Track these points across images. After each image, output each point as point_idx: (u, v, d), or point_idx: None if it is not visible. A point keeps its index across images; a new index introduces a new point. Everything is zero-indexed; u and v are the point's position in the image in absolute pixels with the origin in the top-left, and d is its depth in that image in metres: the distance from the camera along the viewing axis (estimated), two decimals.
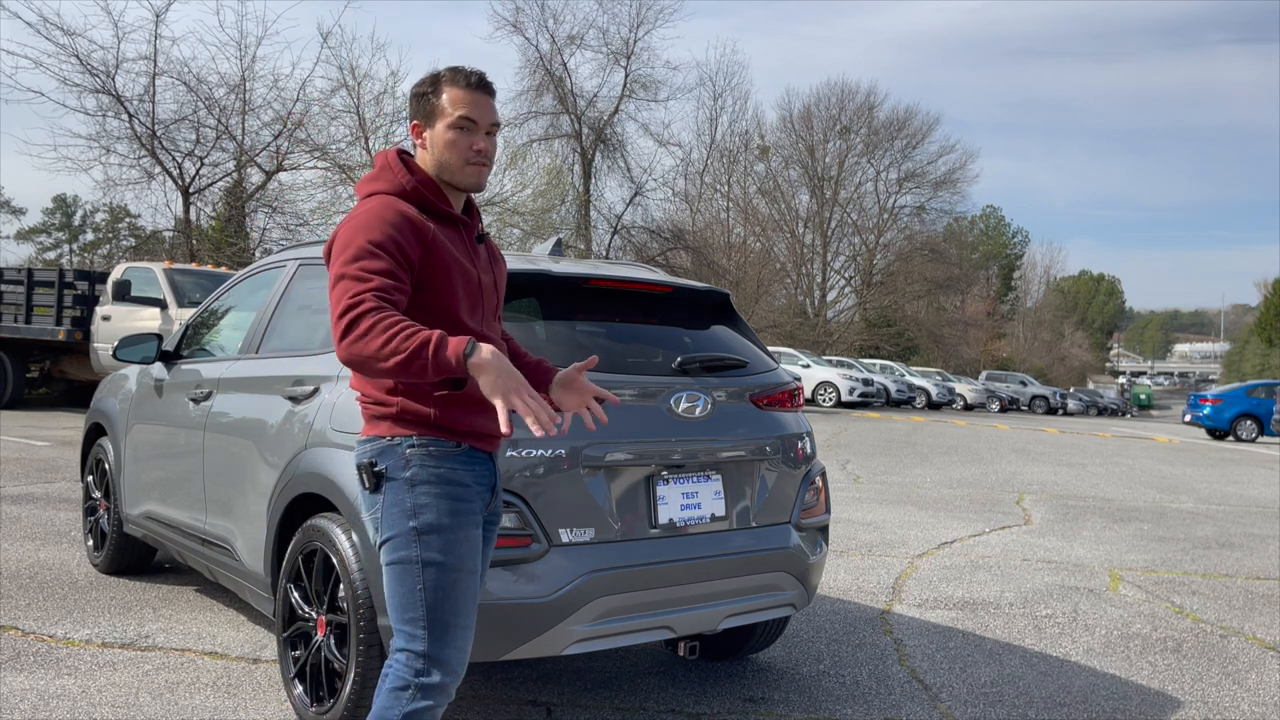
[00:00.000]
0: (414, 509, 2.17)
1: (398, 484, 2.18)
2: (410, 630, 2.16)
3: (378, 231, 2.11)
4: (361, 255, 2.08)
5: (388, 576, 2.20)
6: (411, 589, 2.16)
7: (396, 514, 2.18)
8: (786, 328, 41.93)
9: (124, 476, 4.95)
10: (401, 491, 2.18)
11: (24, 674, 3.70)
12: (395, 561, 2.18)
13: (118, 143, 21.88)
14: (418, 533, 2.16)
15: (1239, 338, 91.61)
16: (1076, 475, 12.62)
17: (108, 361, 12.66)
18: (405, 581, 2.16)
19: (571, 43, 33.45)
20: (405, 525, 2.17)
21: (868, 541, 7.16)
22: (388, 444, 2.21)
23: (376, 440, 2.23)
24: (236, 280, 4.76)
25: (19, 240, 54.51)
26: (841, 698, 3.85)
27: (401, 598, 2.17)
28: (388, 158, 2.29)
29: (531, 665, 3.99)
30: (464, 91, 2.26)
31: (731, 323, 3.81)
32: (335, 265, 2.11)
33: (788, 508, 3.59)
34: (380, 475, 2.20)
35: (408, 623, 2.16)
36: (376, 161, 2.33)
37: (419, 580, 2.15)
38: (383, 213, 2.15)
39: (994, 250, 67.77)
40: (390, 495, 2.19)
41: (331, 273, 2.11)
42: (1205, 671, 4.42)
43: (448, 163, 2.27)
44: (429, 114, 2.28)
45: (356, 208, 2.23)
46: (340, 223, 2.21)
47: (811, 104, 49.48)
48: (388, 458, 2.20)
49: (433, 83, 2.28)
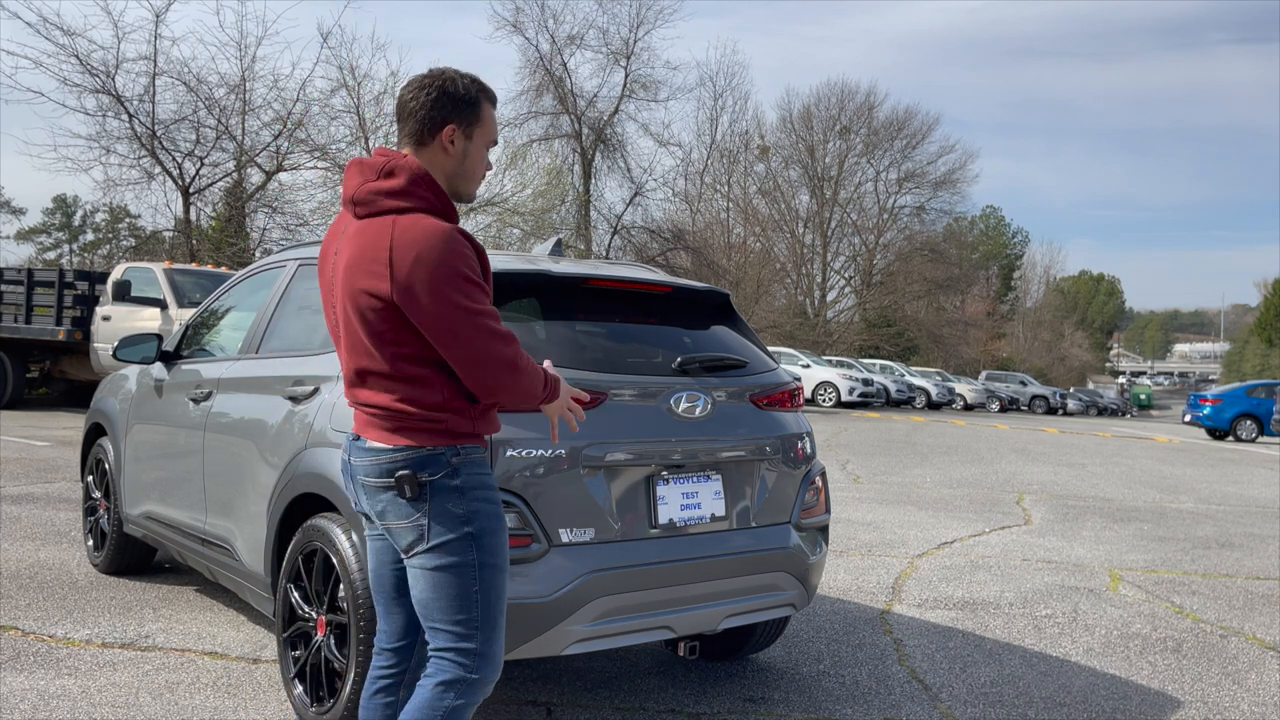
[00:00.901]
0: (468, 515, 2.24)
1: (448, 492, 2.23)
2: (463, 630, 2.23)
3: (460, 257, 2.14)
4: (468, 288, 2.13)
5: (438, 580, 2.23)
6: (467, 591, 2.23)
7: (449, 521, 2.23)
8: (786, 328, 41.93)
9: (124, 476, 4.95)
10: (452, 499, 2.23)
11: (24, 674, 3.70)
12: (449, 566, 2.22)
13: (118, 143, 21.90)
14: (473, 538, 2.23)
15: (1239, 338, 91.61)
16: (1076, 475, 12.62)
17: (108, 361, 12.66)
18: (460, 584, 2.23)
19: (571, 43, 33.48)
20: (461, 530, 2.23)
21: (868, 541, 7.16)
22: (430, 453, 2.23)
23: (414, 450, 2.23)
24: (236, 280, 4.76)
25: (19, 240, 54.57)
26: (841, 698, 3.85)
27: (455, 600, 2.23)
28: (415, 172, 2.21)
29: (531, 665, 3.99)
30: (493, 111, 2.32)
31: (731, 323, 3.81)
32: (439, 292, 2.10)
33: (788, 508, 3.59)
34: (424, 484, 2.22)
35: (460, 624, 2.23)
36: (391, 164, 2.22)
37: (475, 583, 2.23)
38: (452, 234, 2.15)
39: (994, 250, 67.78)
40: (439, 503, 2.23)
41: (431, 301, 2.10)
42: (1205, 671, 4.42)
43: (470, 175, 2.30)
44: (471, 122, 2.27)
45: (404, 227, 2.14)
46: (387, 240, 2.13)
47: (811, 104, 49.55)
48: (432, 467, 2.23)
49: (477, 91, 2.28)
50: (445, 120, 2.24)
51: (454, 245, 2.13)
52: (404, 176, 2.20)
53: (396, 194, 2.19)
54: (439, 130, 2.24)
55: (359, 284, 2.16)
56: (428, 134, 2.25)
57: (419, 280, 2.10)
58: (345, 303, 2.22)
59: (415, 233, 2.13)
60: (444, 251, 2.11)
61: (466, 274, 2.13)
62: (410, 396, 2.22)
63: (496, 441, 2.92)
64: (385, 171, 2.21)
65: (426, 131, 2.24)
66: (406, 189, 2.19)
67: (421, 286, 2.10)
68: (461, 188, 2.31)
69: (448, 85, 2.24)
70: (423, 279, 2.10)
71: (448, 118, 2.24)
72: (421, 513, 2.23)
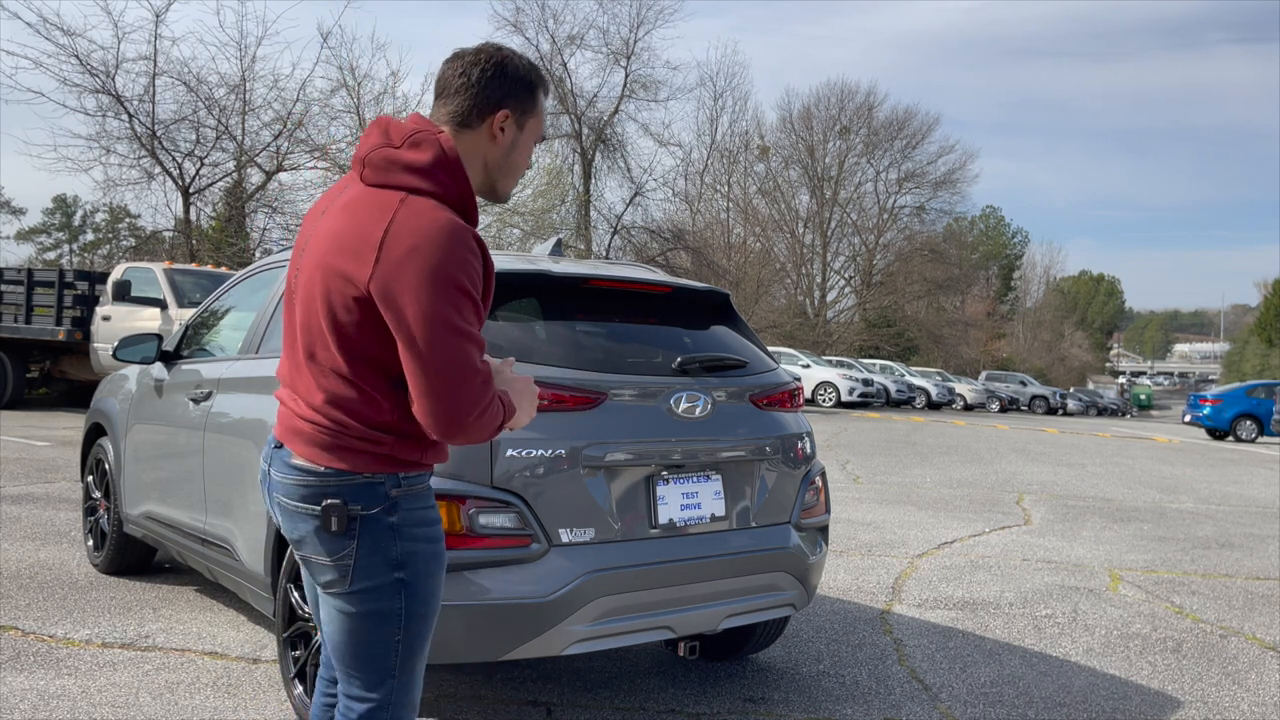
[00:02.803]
0: (401, 559, 1.91)
1: (380, 529, 1.89)
2: (375, 679, 1.94)
3: (465, 265, 1.78)
4: (463, 303, 1.78)
5: (355, 626, 1.92)
6: (388, 639, 1.93)
7: (378, 563, 1.90)
8: (786, 328, 41.94)
9: (124, 476, 4.95)
10: (385, 538, 1.90)
11: (24, 674, 3.70)
12: (371, 614, 1.92)
13: (118, 143, 21.91)
14: (404, 584, 1.91)
15: (1239, 338, 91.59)
16: (1076, 475, 12.63)
17: (108, 361, 12.65)
18: (382, 633, 1.93)
19: (571, 43, 33.48)
20: (389, 576, 1.91)
21: (868, 541, 7.16)
22: (365, 482, 1.89)
23: (348, 476, 1.88)
24: (236, 280, 4.76)
25: (19, 240, 54.59)
26: (841, 698, 3.85)
27: (373, 647, 1.93)
28: (446, 152, 1.87)
29: (531, 665, 3.99)
30: (546, 96, 2.01)
31: (731, 323, 3.81)
32: (427, 301, 1.75)
33: (788, 508, 3.59)
34: (355, 519, 1.88)
35: (375, 671, 1.94)
36: (421, 136, 1.87)
37: (398, 632, 1.93)
38: (462, 236, 1.80)
39: (994, 250, 67.79)
40: (369, 541, 1.89)
41: (415, 307, 1.75)
42: (1205, 671, 4.42)
43: (514, 169, 2.00)
44: (527, 109, 1.95)
45: (406, 216, 1.80)
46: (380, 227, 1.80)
47: (811, 104, 49.56)
48: (365, 498, 1.89)
49: (534, 76, 1.96)
50: (500, 103, 1.91)
51: (463, 248, 1.78)
52: (431, 152, 1.85)
53: (416, 170, 1.85)
54: (491, 113, 1.91)
55: (335, 261, 1.82)
56: (476, 116, 1.91)
57: (407, 277, 1.75)
58: (312, 275, 1.86)
59: (422, 221, 1.78)
60: (449, 252, 1.76)
61: (466, 286, 1.78)
62: (353, 406, 1.86)
63: (496, 441, 2.92)
64: (411, 140, 1.87)
65: (475, 113, 1.90)
66: (429, 168, 1.85)
67: (407, 286, 1.75)
68: (500, 183, 2.00)
69: (507, 63, 1.91)
70: (412, 277, 1.75)
71: (503, 101, 1.91)
72: (347, 551, 1.89)
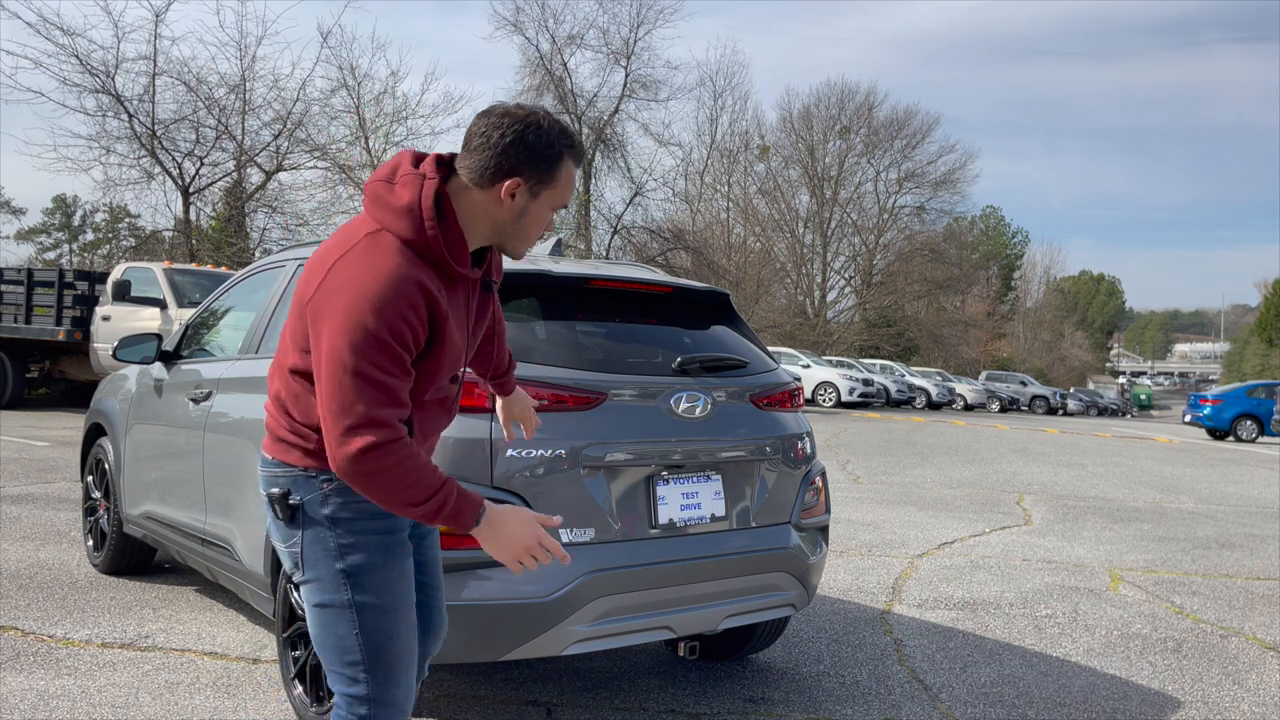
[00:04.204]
0: (339, 549, 1.96)
1: (318, 520, 1.96)
2: (350, 674, 1.99)
3: (392, 313, 1.78)
4: (372, 346, 1.77)
5: (317, 619, 2.00)
6: (347, 633, 1.97)
7: (320, 554, 1.97)
8: (786, 328, 41.95)
9: (124, 477, 4.95)
10: (323, 530, 1.96)
11: (24, 674, 3.70)
12: (323, 605, 1.98)
13: (118, 143, 21.94)
14: (346, 575, 1.96)
15: (1239, 338, 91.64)
16: (1076, 475, 12.62)
17: (108, 361, 12.66)
18: (339, 626, 1.97)
19: (571, 42, 33.45)
20: (331, 568, 1.96)
21: (868, 541, 7.16)
22: (302, 474, 1.97)
23: (288, 468, 1.98)
24: (236, 280, 4.76)
25: (19, 240, 54.60)
26: (841, 698, 3.85)
27: (336, 641, 1.98)
28: (422, 197, 1.87)
29: (531, 665, 3.99)
30: (575, 171, 1.97)
31: (731, 323, 3.80)
32: (337, 335, 1.78)
33: (788, 508, 3.59)
34: (295, 507, 1.97)
35: (347, 666, 1.99)
36: (403, 178, 1.90)
37: (354, 624, 1.97)
38: (400, 286, 1.80)
39: (994, 250, 67.77)
40: (310, 532, 1.97)
41: (328, 338, 1.79)
42: (1205, 671, 4.42)
43: (523, 236, 1.98)
44: (543, 180, 1.91)
45: (363, 248, 1.84)
46: (340, 252, 1.86)
47: (811, 104, 49.56)
48: (303, 490, 1.97)
49: (562, 147, 1.92)
50: (514, 170, 1.88)
51: (396, 298, 1.78)
52: (407, 196, 1.87)
53: (392, 209, 1.88)
54: (504, 178, 1.89)
55: (306, 271, 1.92)
56: (489, 178, 1.89)
57: (332, 308, 1.79)
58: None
59: (367, 261, 1.81)
60: (376, 300, 1.77)
61: (383, 336, 1.77)
62: (291, 404, 1.96)
63: (497, 440, 2.92)
64: (401, 179, 1.90)
65: (489, 174, 1.89)
66: (402, 210, 1.87)
67: (328, 316, 1.79)
68: (509, 245, 1.98)
69: (529, 133, 1.88)
70: (333, 310, 1.79)
71: (517, 168, 1.88)
72: (295, 540, 1.99)
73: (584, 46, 33.74)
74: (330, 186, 24.94)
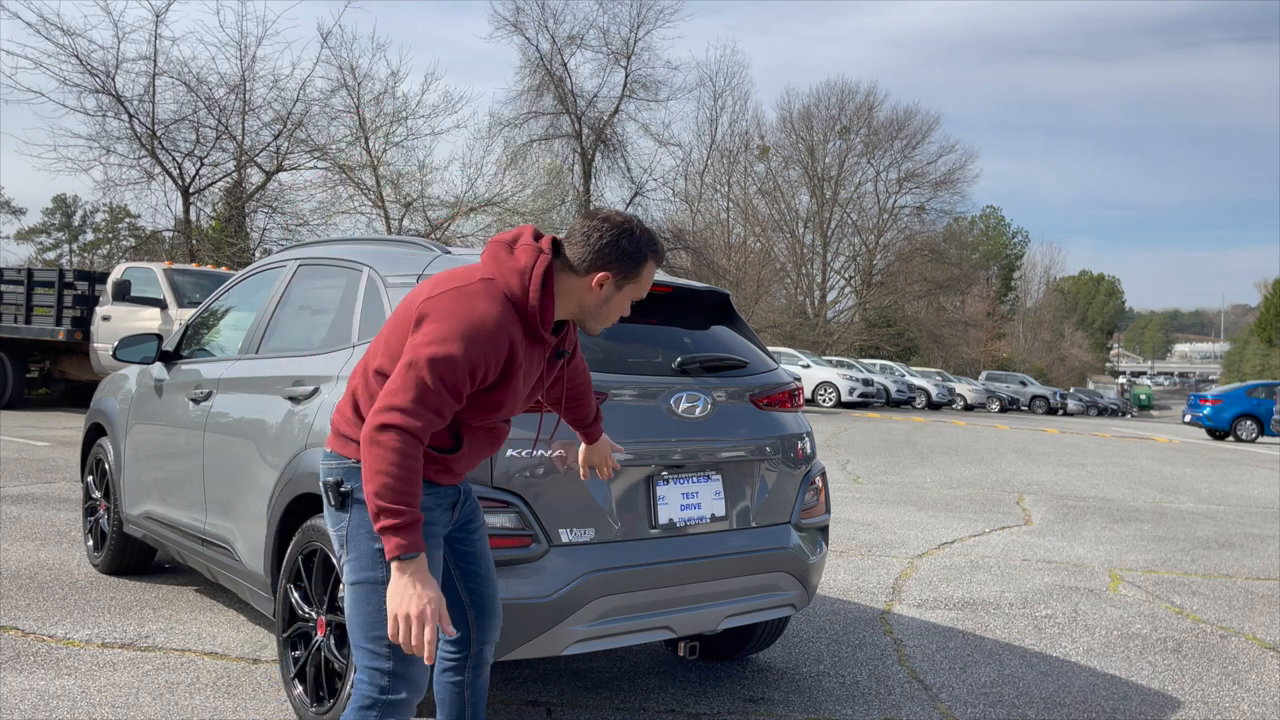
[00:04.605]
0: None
1: (364, 507, 2.20)
2: (375, 649, 2.22)
3: (477, 349, 2.11)
4: (448, 365, 2.09)
5: (352, 595, 2.25)
6: (376, 609, 2.19)
7: (362, 535, 2.23)
8: (786, 328, 41.94)
9: (124, 477, 4.95)
10: (367, 515, 2.18)
11: (24, 674, 3.70)
12: (361, 581, 2.24)
13: (118, 143, 21.93)
14: (382, 555, 2.18)
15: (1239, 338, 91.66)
16: (1076, 475, 12.63)
17: (108, 361, 12.66)
18: (371, 601, 2.21)
19: (572, 43, 33.45)
20: (370, 547, 2.21)
21: (868, 541, 7.16)
22: (354, 466, 2.25)
23: (343, 460, 2.27)
24: (236, 280, 4.76)
25: (19, 240, 54.56)
26: (841, 698, 3.85)
27: (366, 616, 2.22)
28: (535, 266, 2.21)
29: (531, 665, 3.99)
30: (654, 271, 2.34)
31: (731, 323, 3.81)
32: (422, 344, 2.10)
33: (788, 508, 3.59)
34: (346, 495, 2.26)
35: (373, 641, 2.22)
36: (523, 246, 2.23)
37: (384, 601, 2.16)
38: (494, 330, 2.13)
39: (994, 250, 67.72)
40: (357, 517, 2.24)
41: (413, 340, 2.12)
42: (1205, 671, 4.42)
43: (604, 318, 2.34)
44: (627, 276, 2.28)
45: (476, 289, 2.16)
46: (457, 283, 2.18)
47: (811, 104, 49.50)
48: (354, 479, 2.25)
49: (647, 252, 2.28)
50: (605, 266, 2.24)
51: (484, 340, 2.11)
52: (522, 261, 2.21)
53: (506, 268, 2.20)
54: (596, 271, 2.25)
55: (423, 287, 2.24)
56: (584, 268, 2.25)
57: (432, 323, 2.12)
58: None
59: (476, 301, 2.15)
60: (469, 335, 2.10)
61: (461, 366, 2.09)
62: (369, 400, 2.23)
63: None
64: (521, 246, 2.24)
65: (585, 266, 2.25)
66: (513, 272, 2.20)
67: (428, 327, 2.12)
68: (589, 324, 2.35)
69: (622, 239, 2.24)
70: (435, 327, 2.11)
71: (608, 265, 2.25)
72: (344, 524, 2.27)
73: (584, 46, 33.77)
74: (330, 186, 24.94)
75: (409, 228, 25.21)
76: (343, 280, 3.72)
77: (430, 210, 26.10)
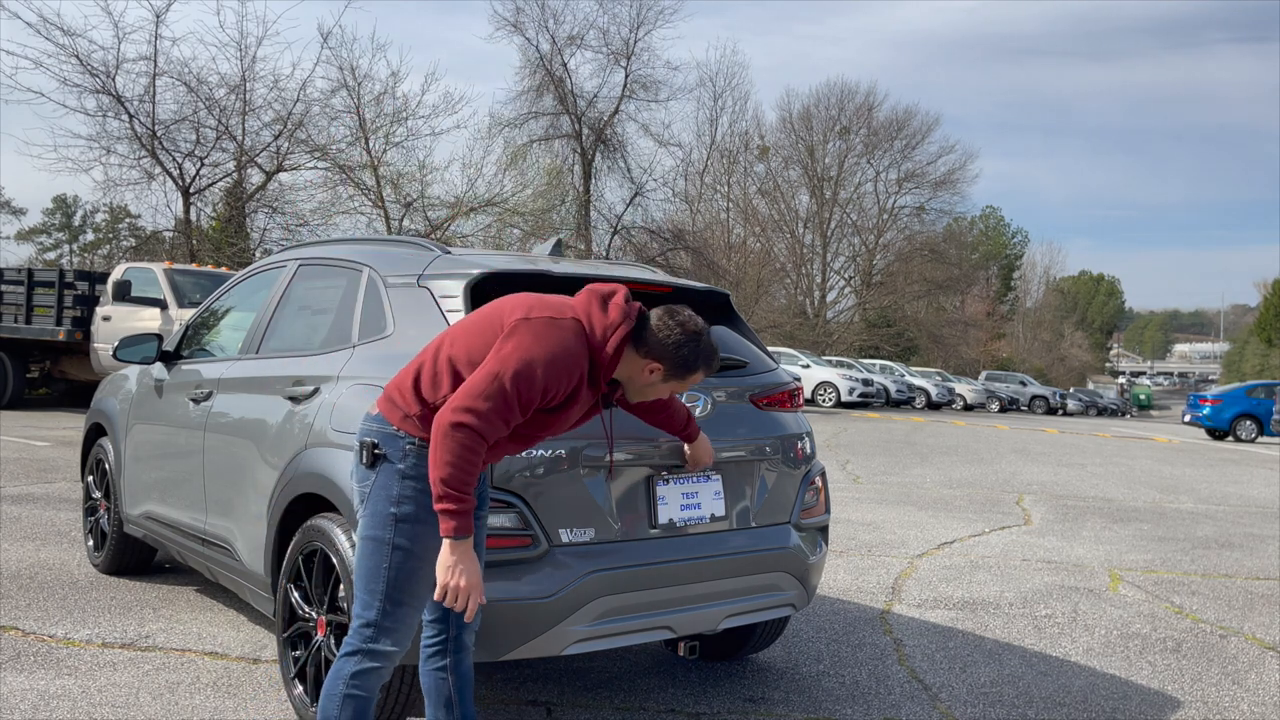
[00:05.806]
0: (399, 497, 2.47)
1: (390, 471, 2.48)
2: (368, 600, 2.49)
3: (553, 373, 2.39)
4: (526, 381, 2.37)
5: (360, 548, 2.52)
6: (379, 565, 2.47)
7: (382, 496, 2.48)
8: (786, 328, 41.93)
9: (124, 477, 4.95)
10: (392, 478, 2.48)
11: (24, 674, 3.70)
12: (370, 537, 2.49)
13: (118, 143, 21.91)
14: (395, 519, 2.47)
15: (1239, 338, 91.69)
16: (1076, 475, 12.63)
17: (108, 361, 12.66)
18: (375, 557, 2.48)
19: (571, 43, 33.42)
20: (387, 509, 2.47)
21: (868, 541, 7.16)
22: (393, 432, 2.49)
23: (385, 424, 2.51)
24: (236, 280, 4.76)
25: (19, 240, 54.57)
26: (841, 698, 3.86)
27: (369, 570, 2.49)
28: (619, 329, 2.48)
29: (531, 665, 3.99)
30: (701, 379, 2.62)
31: (731, 323, 3.81)
32: (511, 357, 2.36)
33: (787, 508, 3.59)
34: (378, 456, 2.50)
35: (369, 592, 2.49)
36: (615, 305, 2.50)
37: (386, 559, 2.46)
38: (572, 362, 2.42)
39: (994, 250, 67.69)
40: (382, 478, 2.49)
41: (501, 350, 2.38)
42: (1205, 671, 4.42)
43: (641, 395, 2.64)
44: (673, 375, 2.56)
45: (566, 325, 2.44)
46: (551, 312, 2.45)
47: (811, 104, 49.50)
48: (389, 444, 2.49)
49: (701, 363, 2.56)
50: (660, 359, 2.53)
51: (563, 363, 2.40)
52: (614, 316, 2.50)
53: (594, 315, 2.49)
54: (651, 360, 2.53)
55: (517, 303, 2.51)
56: (644, 352, 2.53)
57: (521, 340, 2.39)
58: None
59: (564, 334, 2.42)
60: (553, 355, 2.38)
61: (537, 384, 2.37)
62: (432, 382, 2.47)
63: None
64: (614, 303, 2.53)
65: (645, 350, 2.53)
66: (604, 322, 2.48)
67: (516, 341, 2.38)
68: (630, 393, 2.64)
69: (685, 347, 2.52)
70: (523, 345, 2.37)
71: (662, 360, 2.53)
72: (369, 483, 2.51)
73: (584, 47, 33.74)
74: (330, 187, 24.91)
75: (409, 228, 25.20)
76: (343, 280, 3.73)
77: (430, 210, 26.08)
